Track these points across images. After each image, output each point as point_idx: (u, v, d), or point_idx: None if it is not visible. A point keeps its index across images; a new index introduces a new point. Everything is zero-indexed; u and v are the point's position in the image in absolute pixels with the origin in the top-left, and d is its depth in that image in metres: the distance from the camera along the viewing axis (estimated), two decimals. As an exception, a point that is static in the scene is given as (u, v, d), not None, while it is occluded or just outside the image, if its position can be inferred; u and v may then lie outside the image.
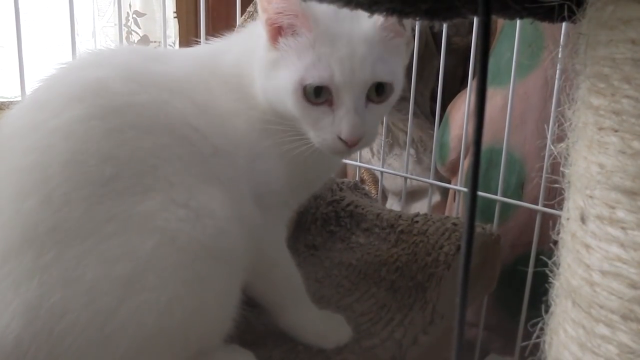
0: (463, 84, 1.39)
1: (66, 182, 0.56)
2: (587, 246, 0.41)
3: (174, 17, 1.96)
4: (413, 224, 0.95)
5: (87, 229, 0.55)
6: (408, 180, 1.22)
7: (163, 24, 1.18)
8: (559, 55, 0.56)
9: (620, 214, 0.39)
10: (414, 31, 0.78)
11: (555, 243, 0.48)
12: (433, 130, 1.28)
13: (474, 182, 0.28)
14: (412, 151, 1.43)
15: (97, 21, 1.91)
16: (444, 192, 1.38)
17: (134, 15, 1.96)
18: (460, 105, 1.26)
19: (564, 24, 0.82)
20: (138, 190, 0.58)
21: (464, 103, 1.15)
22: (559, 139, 0.48)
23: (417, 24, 1.04)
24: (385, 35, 0.66)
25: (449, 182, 1.25)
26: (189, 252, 0.58)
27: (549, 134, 0.88)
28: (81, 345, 0.53)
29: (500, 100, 1.14)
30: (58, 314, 0.53)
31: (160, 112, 0.63)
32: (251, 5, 1.21)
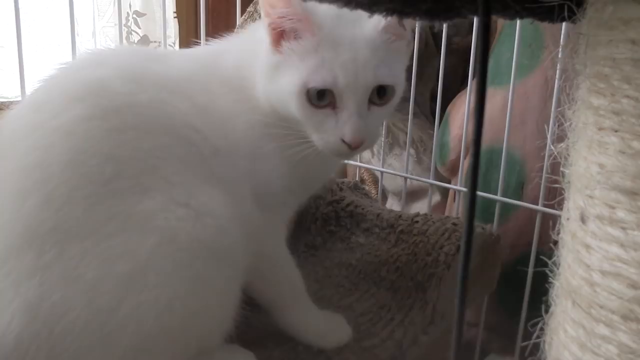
0: (463, 84, 1.39)
1: (66, 182, 0.56)
2: (587, 246, 0.41)
3: (174, 17, 1.96)
4: (413, 224, 0.95)
5: (88, 228, 0.55)
6: (408, 180, 1.22)
7: (163, 24, 1.18)
8: (559, 55, 0.56)
9: (620, 214, 0.39)
10: (414, 32, 0.78)
11: (555, 243, 0.48)
12: (433, 130, 1.28)
13: (473, 182, 0.28)
14: (412, 151, 1.43)
15: (97, 21, 1.91)
16: (444, 192, 1.38)
17: (134, 16, 1.96)
18: (460, 105, 1.26)
19: (564, 24, 0.82)
20: (138, 190, 0.58)
21: (464, 103, 1.15)
22: (559, 139, 0.48)
23: (417, 24, 1.04)
24: (387, 38, 0.66)
25: (449, 182, 1.25)
26: (189, 252, 0.58)
27: (549, 134, 0.88)
28: (81, 344, 0.53)
29: (500, 100, 1.14)
30: (58, 313, 0.53)
31: (160, 112, 0.63)
32: (251, 5, 1.21)
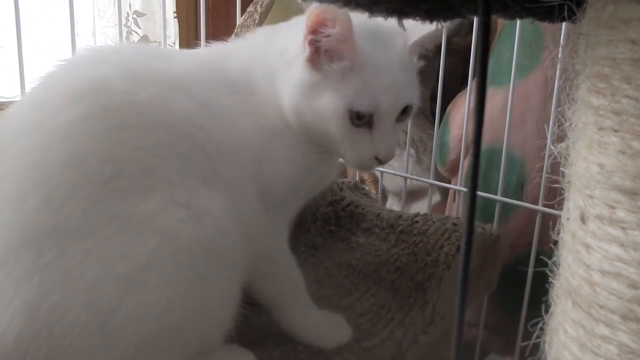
0: (463, 84, 1.39)
1: (66, 182, 0.56)
2: (587, 246, 0.41)
3: (174, 17, 1.96)
4: (413, 224, 0.95)
5: (87, 228, 0.55)
6: (408, 180, 1.22)
7: (163, 24, 1.18)
8: (559, 55, 0.55)
9: (620, 214, 0.39)
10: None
11: (555, 243, 0.48)
12: (433, 130, 1.28)
13: (473, 182, 0.28)
14: (412, 151, 1.42)
15: (97, 21, 1.91)
16: (444, 192, 1.38)
17: (134, 16, 1.96)
18: (460, 105, 1.26)
19: (564, 24, 0.82)
20: (139, 190, 0.58)
21: (464, 103, 1.15)
22: (559, 139, 0.48)
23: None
24: (412, 58, 0.70)
25: (449, 182, 1.25)
26: (189, 252, 0.58)
27: (549, 134, 0.88)
28: (81, 344, 0.53)
29: (500, 100, 1.14)
30: (58, 313, 0.53)
31: (161, 110, 0.62)
32: (251, 5, 1.21)
